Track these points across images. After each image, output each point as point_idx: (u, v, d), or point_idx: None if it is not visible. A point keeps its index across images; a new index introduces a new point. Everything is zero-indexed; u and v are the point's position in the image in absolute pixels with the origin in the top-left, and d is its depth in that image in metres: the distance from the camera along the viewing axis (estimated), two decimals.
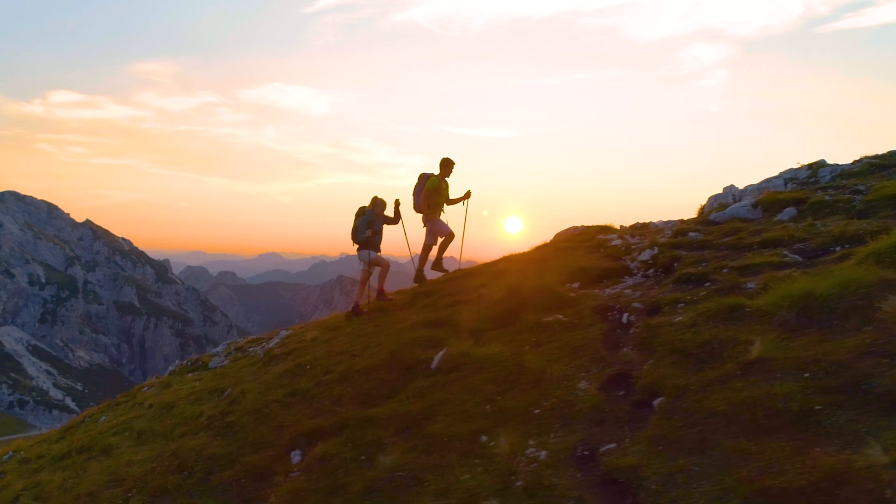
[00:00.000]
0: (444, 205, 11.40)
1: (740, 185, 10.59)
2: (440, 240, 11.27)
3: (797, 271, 6.01)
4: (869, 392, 4.11)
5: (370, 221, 10.46)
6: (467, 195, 11.48)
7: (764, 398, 4.40)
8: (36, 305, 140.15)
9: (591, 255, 8.52)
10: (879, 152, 9.74)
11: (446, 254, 11.49)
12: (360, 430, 5.94)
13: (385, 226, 10.81)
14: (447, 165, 11.51)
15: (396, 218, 10.85)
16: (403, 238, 11.13)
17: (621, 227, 10.73)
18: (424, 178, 11.33)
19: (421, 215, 11.39)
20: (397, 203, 10.84)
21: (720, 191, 10.47)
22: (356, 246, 10.64)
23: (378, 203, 10.64)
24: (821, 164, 9.93)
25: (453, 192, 11.64)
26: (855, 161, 9.80)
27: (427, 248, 11.41)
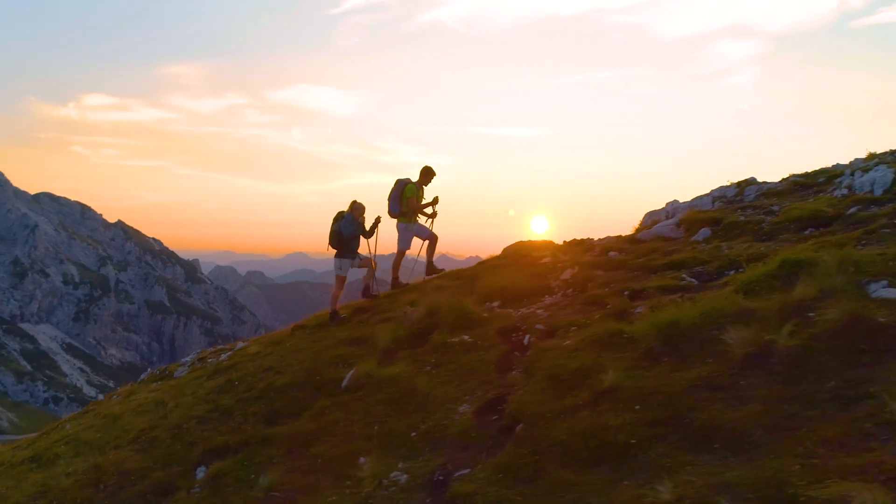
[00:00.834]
0: (421, 213, 11.36)
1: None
2: (424, 243, 11.34)
3: (684, 296, 6.10)
4: (688, 426, 4.22)
5: (351, 224, 10.33)
6: (435, 200, 11.42)
7: (599, 429, 4.54)
8: (70, 304, 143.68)
9: (520, 273, 8.64)
10: (809, 170, 9.67)
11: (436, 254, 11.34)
12: (258, 448, 6.18)
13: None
14: (428, 174, 11.40)
15: (371, 233, 10.77)
16: (367, 247, 11.12)
17: (564, 242, 10.80)
18: (403, 184, 11.22)
19: (395, 221, 11.33)
20: (378, 220, 10.76)
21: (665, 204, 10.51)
22: (334, 252, 10.49)
23: (357, 207, 10.48)
24: (749, 183, 9.89)
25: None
26: (783, 179, 9.73)
27: (400, 254, 11.40)
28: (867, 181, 7.52)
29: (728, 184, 10.20)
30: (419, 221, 11.38)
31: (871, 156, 9.52)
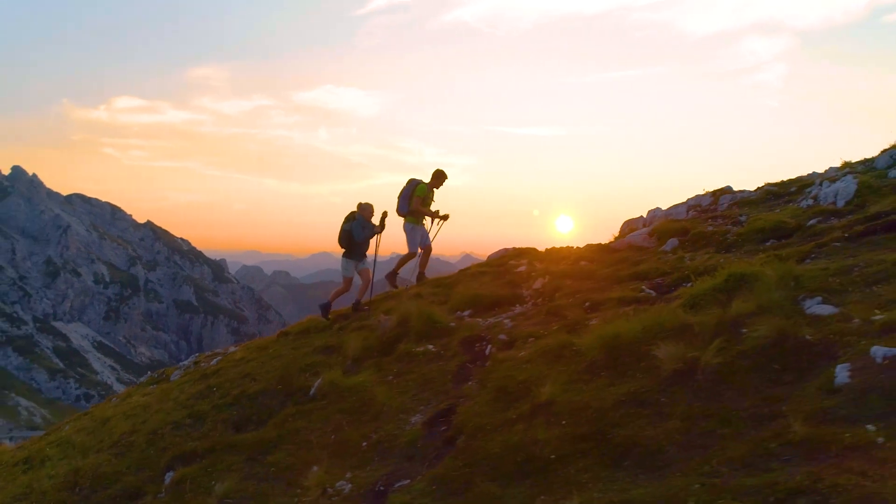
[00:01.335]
0: (428, 216, 11.25)
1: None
2: (419, 250, 11.28)
3: (637, 308, 6.14)
4: (610, 442, 4.30)
5: (364, 226, 10.22)
6: (445, 217, 11.32)
7: (529, 443, 4.63)
8: (101, 303, 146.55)
9: (495, 281, 8.72)
10: (785, 178, 9.55)
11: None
12: (222, 455, 6.36)
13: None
14: (440, 178, 11.35)
15: (381, 228, 10.63)
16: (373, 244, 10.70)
17: (546, 250, 10.80)
18: (414, 184, 11.17)
19: (403, 220, 11.26)
20: (385, 214, 10.59)
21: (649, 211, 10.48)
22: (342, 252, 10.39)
23: (365, 208, 10.37)
24: (724, 191, 9.82)
25: (437, 206, 11.38)
26: (757, 188, 9.63)
27: (410, 255, 11.34)
28: (831, 192, 7.44)
29: (704, 192, 10.15)
30: (425, 226, 11.33)
31: (845, 164, 9.39)
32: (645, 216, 10.40)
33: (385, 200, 10.52)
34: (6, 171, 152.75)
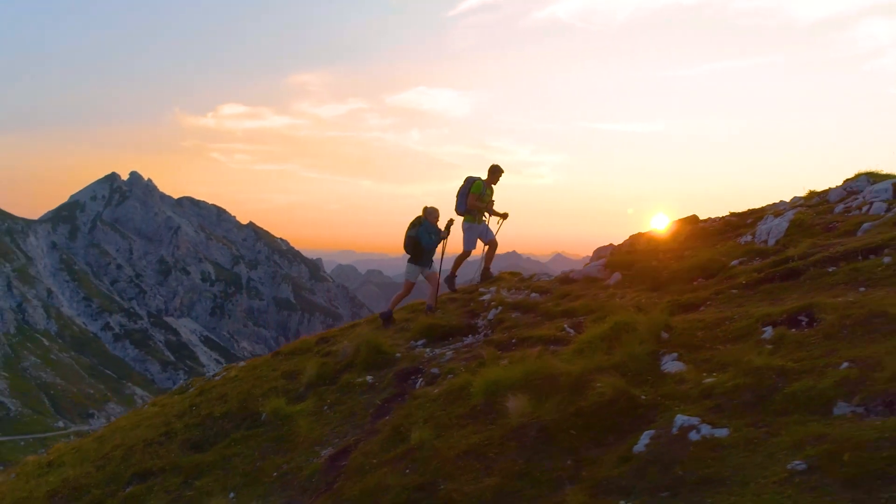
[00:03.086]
0: (486, 213, 11.17)
1: None
2: (485, 248, 11.19)
3: (547, 349, 6.19)
4: (435, 495, 4.49)
5: (430, 231, 9.88)
6: (504, 216, 11.22)
7: (381, 489, 4.88)
8: (207, 300, 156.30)
9: (459, 309, 8.88)
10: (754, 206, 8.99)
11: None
12: (169, 475, 6.95)
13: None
14: (495, 173, 11.19)
15: (446, 234, 10.27)
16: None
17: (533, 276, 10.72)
18: (470, 182, 11.05)
19: (462, 219, 11.18)
20: (451, 222, 10.36)
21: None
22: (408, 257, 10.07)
23: (431, 212, 10.06)
24: (689, 221, 9.36)
25: (499, 204, 11.30)
26: (721, 217, 9.13)
27: (465, 254, 11.35)
28: (766, 229, 7.06)
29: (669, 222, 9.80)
30: (486, 223, 11.21)
31: (810, 194, 8.77)
32: (608, 246, 10.17)
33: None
34: (125, 177, 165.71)
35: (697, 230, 8.93)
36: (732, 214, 9.30)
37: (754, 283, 5.63)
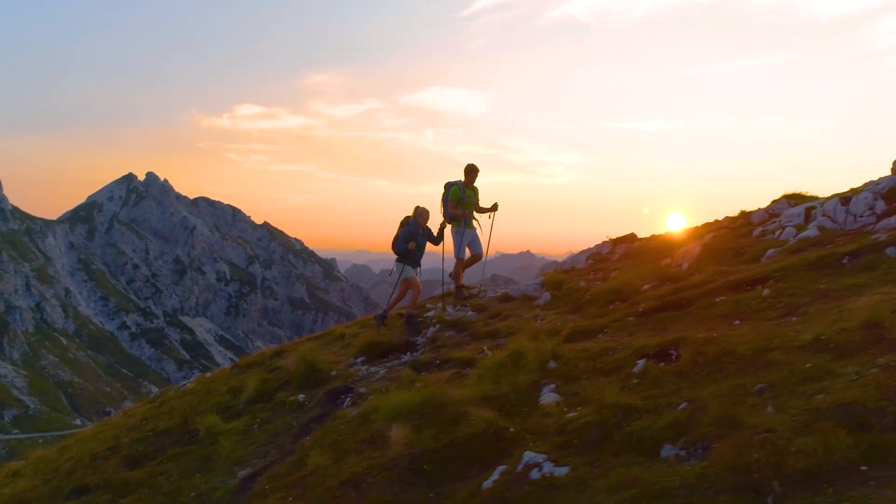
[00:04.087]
0: (475, 213, 11.03)
1: None
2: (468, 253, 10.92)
3: (460, 374, 6.27)
4: None
5: (412, 233, 9.72)
6: (494, 207, 11.04)
7: None
8: (222, 300, 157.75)
9: (405, 325, 8.94)
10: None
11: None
12: (101, 492, 7.12)
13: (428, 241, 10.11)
14: (471, 173, 10.92)
15: (438, 239, 10.22)
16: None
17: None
18: (448, 187, 10.92)
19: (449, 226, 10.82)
20: (443, 225, 10.30)
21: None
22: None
23: (420, 213, 9.91)
24: (624, 240, 9.32)
25: (484, 200, 11.10)
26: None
27: (458, 262, 11.12)
28: (682, 252, 7.04)
29: (607, 240, 9.77)
30: (477, 226, 11.02)
31: (741, 215, 8.70)
32: (566, 258, 10.23)
33: (493, 199, 10.28)
34: (141, 177, 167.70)
35: (633, 249, 8.93)
36: (680, 232, 9.29)
37: (651, 311, 5.67)
